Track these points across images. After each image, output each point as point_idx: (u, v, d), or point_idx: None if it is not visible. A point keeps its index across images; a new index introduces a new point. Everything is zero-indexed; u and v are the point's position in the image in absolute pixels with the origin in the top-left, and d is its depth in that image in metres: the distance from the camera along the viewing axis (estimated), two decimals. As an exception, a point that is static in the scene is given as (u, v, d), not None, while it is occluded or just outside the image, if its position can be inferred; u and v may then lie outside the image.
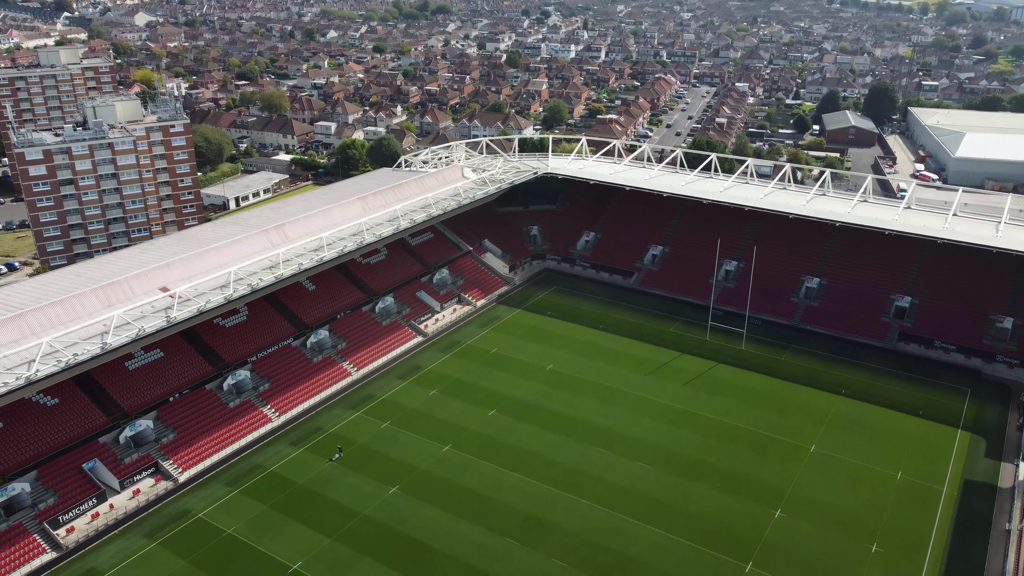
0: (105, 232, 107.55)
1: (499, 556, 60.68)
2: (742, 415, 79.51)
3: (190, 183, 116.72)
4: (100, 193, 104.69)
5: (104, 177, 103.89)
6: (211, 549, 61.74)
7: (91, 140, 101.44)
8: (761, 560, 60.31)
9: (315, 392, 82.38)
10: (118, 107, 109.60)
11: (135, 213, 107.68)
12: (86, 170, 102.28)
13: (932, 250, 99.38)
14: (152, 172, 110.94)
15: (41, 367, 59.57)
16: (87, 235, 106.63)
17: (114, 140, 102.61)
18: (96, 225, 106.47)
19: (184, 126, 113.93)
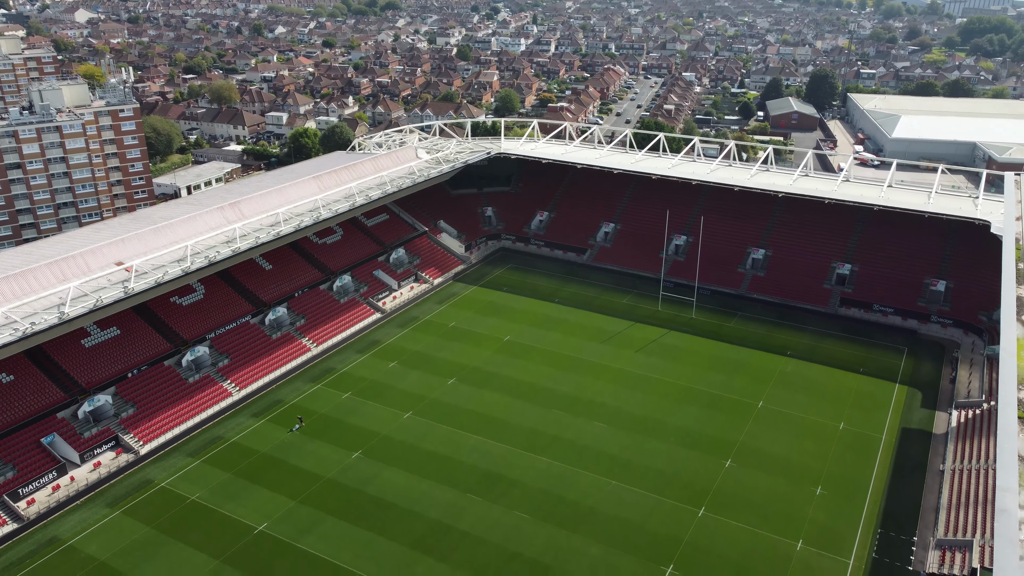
0: (55, 217, 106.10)
1: (461, 510, 62.37)
2: (693, 377, 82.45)
3: (141, 168, 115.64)
4: (49, 177, 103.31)
5: (52, 161, 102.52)
6: (175, 515, 62.20)
7: (38, 124, 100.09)
8: (713, 505, 63.08)
9: (275, 367, 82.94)
10: (65, 91, 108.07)
11: (85, 197, 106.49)
12: (34, 154, 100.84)
13: (870, 220, 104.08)
14: (102, 157, 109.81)
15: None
16: (36, 220, 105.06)
17: (62, 124, 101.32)
18: (45, 210, 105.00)
19: (134, 111, 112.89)
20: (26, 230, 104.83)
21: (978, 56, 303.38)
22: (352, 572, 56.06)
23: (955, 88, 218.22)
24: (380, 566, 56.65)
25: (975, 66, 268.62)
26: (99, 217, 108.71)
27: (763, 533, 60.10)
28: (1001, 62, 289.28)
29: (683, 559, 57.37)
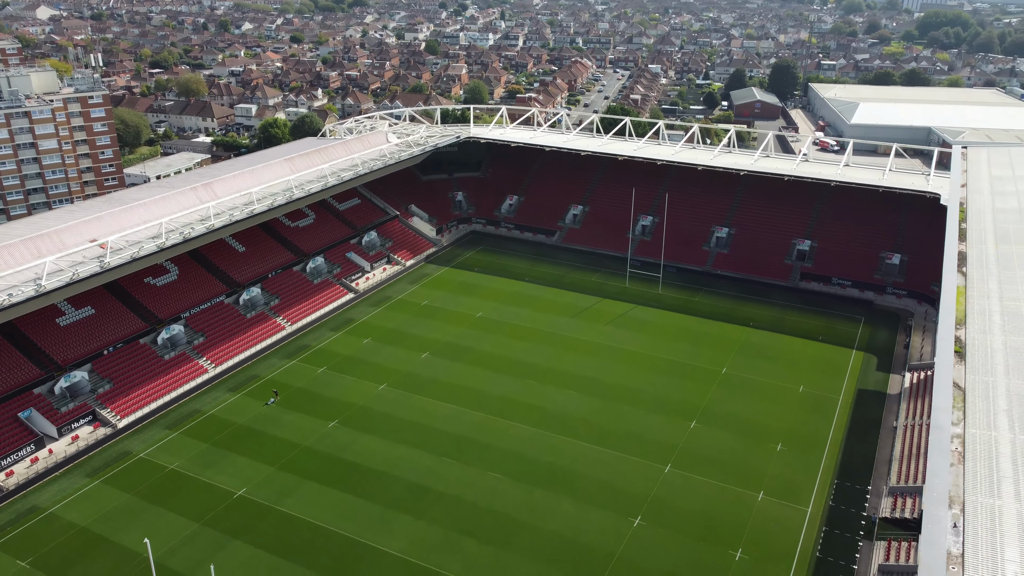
0: (25, 203, 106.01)
1: (437, 473, 64.26)
2: (660, 348, 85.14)
3: (111, 155, 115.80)
4: (18, 163, 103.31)
5: (22, 147, 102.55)
6: (155, 483, 63.34)
7: (7, 109, 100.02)
8: (679, 462, 65.67)
9: (250, 345, 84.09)
10: (33, 78, 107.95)
11: (55, 183, 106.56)
12: (3, 139, 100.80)
13: (828, 198, 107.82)
14: (72, 144, 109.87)
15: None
16: (6, 205, 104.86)
17: (31, 109, 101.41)
18: (15, 195, 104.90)
19: (103, 97, 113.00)
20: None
21: (935, 48, 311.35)
22: (332, 531, 57.71)
23: (912, 77, 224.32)
24: (359, 524, 58.36)
25: (931, 57, 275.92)
26: (70, 203, 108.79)
27: (726, 486, 62.81)
28: (956, 53, 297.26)
29: (650, 511, 59.83)
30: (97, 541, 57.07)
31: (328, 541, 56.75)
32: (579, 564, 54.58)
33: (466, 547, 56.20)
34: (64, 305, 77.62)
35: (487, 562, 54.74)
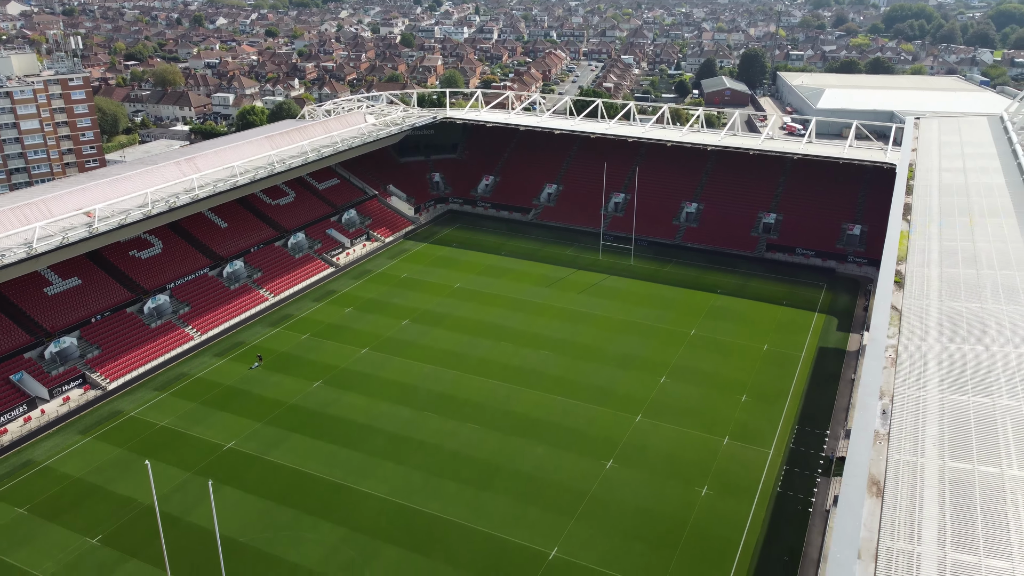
0: (7, 183, 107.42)
1: (417, 425, 67.21)
2: (630, 312, 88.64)
3: (91, 137, 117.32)
4: (0, 143, 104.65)
5: (4, 127, 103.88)
6: (145, 439, 65.68)
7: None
8: (649, 412, 69.12)
9: (234, 315, 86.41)
10: (14, 60, 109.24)
11: (37, 163, 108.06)
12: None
13: (792, 173, 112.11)
14: (52, 126, 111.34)
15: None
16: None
17: (12, 90, 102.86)
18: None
19: (83, 80, 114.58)
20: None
21: (900, 40, 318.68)
22: (318, 476, 60.45)
23: (876, 66, 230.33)
24: (344, 471, 61.15)
25: (896, 48, 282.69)
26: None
27: (693, 432, 66.35)
28: (920, 44, 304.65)
29: (621, 455, 63.17)
30: (92, 490, 59.40)
31: (314, 485, 59.51)
32: (554, 502, 57.76)
33: (446, 488, 59.20)
34: (51, 275, 79.55)
35: (466, 501, 57.78)
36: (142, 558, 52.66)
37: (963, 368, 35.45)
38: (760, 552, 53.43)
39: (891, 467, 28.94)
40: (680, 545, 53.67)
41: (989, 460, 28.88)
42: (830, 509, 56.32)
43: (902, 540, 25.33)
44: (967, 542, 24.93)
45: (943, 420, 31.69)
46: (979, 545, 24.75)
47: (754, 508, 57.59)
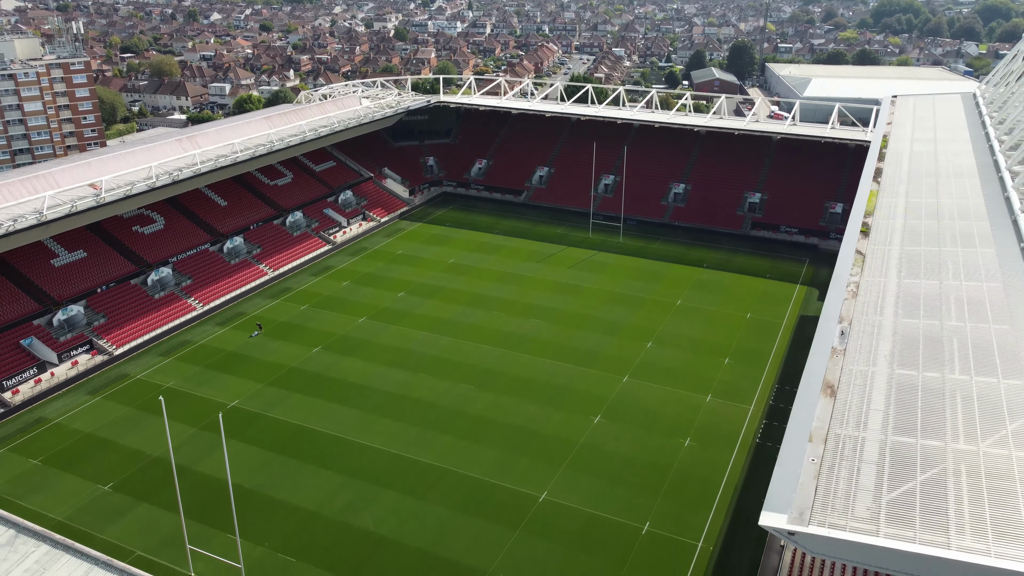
0: (12, 163, 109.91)
1: (413, 385, 70.06)
2: (618, 284, 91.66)
3: (93, 120, 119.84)
4: (4, 124, 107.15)
5: (8, 108, 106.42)
6: (152, 398, 68.30)
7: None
8: (635, 373, 72.09)
9: (235, 288, 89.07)
10: (17, 44, 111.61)
11: (41, 144, 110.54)
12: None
13: (777, 154, 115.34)
14: (55, 109, 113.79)
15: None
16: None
17: (16, 72, 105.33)
18: (2, 156, 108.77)
19: (84, 64, 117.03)
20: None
21: (887, 33, 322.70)
22: (318, 431, 63.27)
23: (863, 57, 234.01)
24: (343, 426, 63.98)
25: (884, 41, 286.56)
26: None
27: (678, 391, 69.37)
28: (907, 38, 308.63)
29: (608, 411, 66.15)
30: (103, 443, 62.12)
31: (314, 439, 62.34)
32: (543, 452, 60.68)
33: (440, 440, 62.07)
34: (58, 248, 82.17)
35: (459, 452, 60.65)
36: (153, 502, 55.46)
37: (917, 299, 38.51)
38: (739, 494, 56.50)
39: (844, 374, 31.95)
40: (663, 489, 56.67)
41: (933, 368, 31.91)
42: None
43: (850, 428, 28.34)
44: (906, 428, 27.95)
45: (895, 339, 34.73)
46: (917, 430, 27.78)
47: (734, 456, 60.64)
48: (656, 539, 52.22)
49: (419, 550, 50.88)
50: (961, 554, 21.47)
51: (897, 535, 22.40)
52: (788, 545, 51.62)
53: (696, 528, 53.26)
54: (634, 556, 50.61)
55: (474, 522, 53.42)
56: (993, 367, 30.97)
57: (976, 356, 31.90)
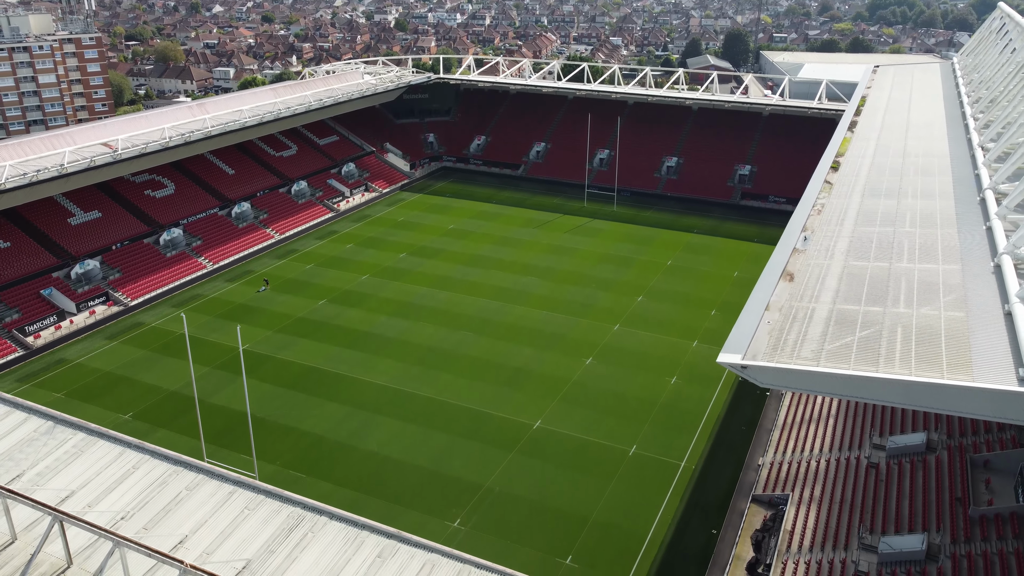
0: (27, 132, 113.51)
1: (414, 331, 73.74)
2: (611, 247, 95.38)
3: (104, 95, 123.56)
4: (20, 95, 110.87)
5: (23, 80, 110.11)
6: (168, 343, 72.10)
7: (9, 43, 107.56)
8: (626, 323, 75.78)
9: (243, 249, 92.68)
10: (31, 19, 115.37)
11: (54, 116, 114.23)
12: (5, 72, 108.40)
13: (767, 129, 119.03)
14: (67, 83, 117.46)
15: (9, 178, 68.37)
16: (8, 135, 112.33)
17: (31, 45, 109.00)
18: (17, 127, 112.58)
19: (95, 39, 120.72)
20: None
21: (881, 24, 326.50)
22: (324, 370, 66.95)
23: (856, 45, 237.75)
24: (348, 365, 67.65)
25: (878, 31, 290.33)
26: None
27: (666, 337, 73.07)
28: (902, 29, 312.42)
29: (599, 354, 69.83)
30: (122, 380, 65.80)
31: (322, 377, 66.02)
32: (538, 388, 64.35)
33: (440, 378, 65.74)
34: (73, 207, 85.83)
35: (458, 387, 64.31)
36: (172, 428, 59.14)
37: (876, 213, 42.21)
38: (721, 423, 60.21)
39: (803, 266, 35.67)
40: (650, 418, 60.38)
41: (882, 260, 35.62)
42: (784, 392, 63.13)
43: (804, 301, 32.07)
44: (853, 300, 31.69)
45: (852, 240, 38.43)
46: (862, 300, 31.49)
47: (717, 392, 64.37)
48: (642, 459, 55.93)
49: (421, 467, 54.56)
50: (887, 375, 25.18)
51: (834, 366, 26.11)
52: (764, 463, 55.40)
53: (680, 450, 56.96)
54: (621, 473, 54.31)
55: (472, 445, 57.11)
56: (936, 258, 34.67)
57: (921, 252, 35.59)
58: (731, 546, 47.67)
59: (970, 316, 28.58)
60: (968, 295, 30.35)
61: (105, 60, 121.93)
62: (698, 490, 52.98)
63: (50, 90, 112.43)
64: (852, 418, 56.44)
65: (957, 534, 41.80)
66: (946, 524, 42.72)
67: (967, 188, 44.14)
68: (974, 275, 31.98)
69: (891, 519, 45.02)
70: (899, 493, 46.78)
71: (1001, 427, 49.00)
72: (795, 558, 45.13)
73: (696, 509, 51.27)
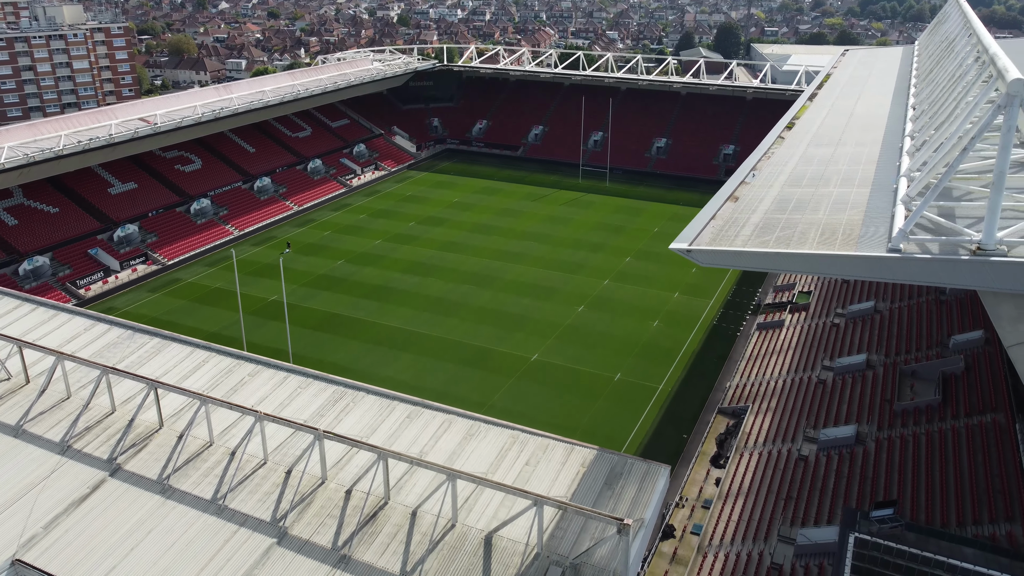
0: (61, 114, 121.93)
1: (424, 285, 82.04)
2: (604, 217, 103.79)
3: (131, 81, 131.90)
4: (56, 80, 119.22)
5: (59, 65, 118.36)
6: (204, 295, 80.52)
7: (47, 32, 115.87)
8: (614, 279, 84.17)
9: (265, 218, 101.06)
10: (65, 10, 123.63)
11: (87, 100, 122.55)
12: (43, 58, 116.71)
13: (750, 112, 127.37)
14: (97, 70, 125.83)
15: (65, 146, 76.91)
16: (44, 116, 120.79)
17: (66, 33, 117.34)
18: (53, 108, 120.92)
19: (124, 29, 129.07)
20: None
21: (871, 19, 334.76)
22: (345, 316, 75.35)
23: (843, 37, 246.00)
24: (366, 312, 76.06)
25: (867, 25, 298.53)
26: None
27: (650, 290, 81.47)
28: (890, 23, 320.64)
29: (591, 303, 78.24)
30: (167, 323, 73.97)
31: (342, 321, 74.43)
32: (535, 329, 72.75)
33: (447, 322, 74.16)
34: (112, 179, 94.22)
35: (464, 329, 72.72)
36: (213, 360, 67.39)
37: (815, 157, 50.53)
38: (696, 357, 68.65)
39: (747, 192, 44.08)
40: (634, 352, 68.81)
41: (811, 187, 43.99)
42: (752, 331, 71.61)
43: (742, 213, 40.45)
44: (780, 211, 40.04)
45: (790, 176, 46.79)
46: (787, 211, 39.83)
47: (694, 332, 72.82)
48: (625, 384, 64.38)
49: (432, 389, 62.82)
50: (794, 250, 33.54)
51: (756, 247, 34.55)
52: (731, 385, 63.79)
53: (659, 377, 65.41)
54: (607, 394, 62.77)
55: (478, 373, 65.58)
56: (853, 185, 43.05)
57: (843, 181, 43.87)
58: (698, 446, 56.15)
59: (865, 218, 36.92)
60: (868, 206, 38.67)
61: (132, 48, 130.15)
62: (673, 406, 61.45)
63: (83, 75, 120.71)
64: (807, 348, 64.90)
65: (883, 424, 50.28)
66: (875, 417, 51.21)
67: (896, 137, 52.44)
68: (877, 194, 40.28)
69: (832, 418, 53.52)
70: (840, 399, 55.26)
71: (929, 344, 57.51)
72: (750, 451, 53.60)
73: (670, 420, 59.73)
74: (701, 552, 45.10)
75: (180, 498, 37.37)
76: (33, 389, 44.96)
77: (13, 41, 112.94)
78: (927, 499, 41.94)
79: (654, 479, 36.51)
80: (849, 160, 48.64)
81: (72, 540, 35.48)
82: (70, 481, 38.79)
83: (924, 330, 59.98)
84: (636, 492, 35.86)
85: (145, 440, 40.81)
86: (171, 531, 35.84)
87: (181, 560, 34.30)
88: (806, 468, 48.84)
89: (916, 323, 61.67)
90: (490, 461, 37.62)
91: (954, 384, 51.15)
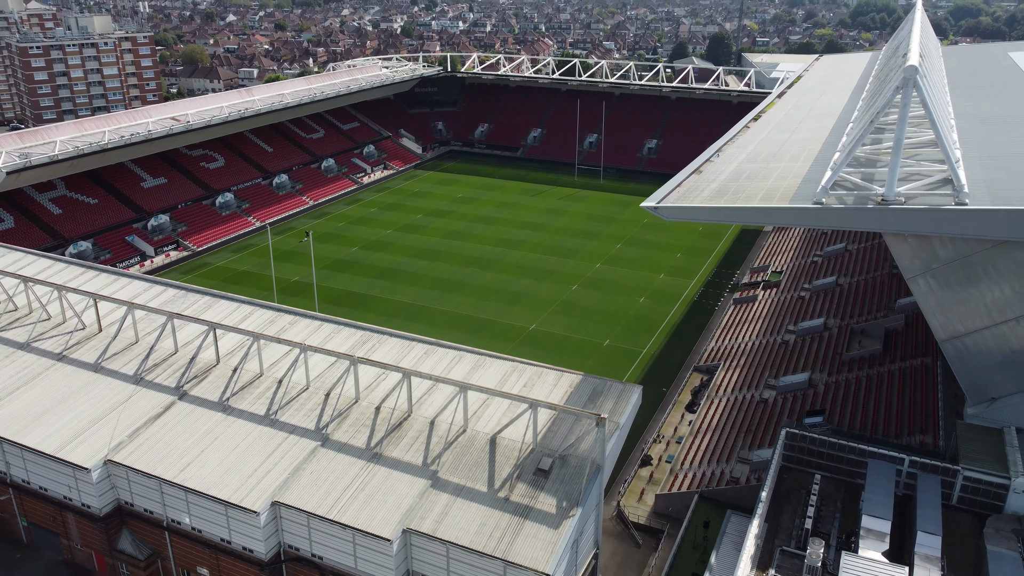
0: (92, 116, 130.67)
1: (431, 268, 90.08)
2: (598, 209, 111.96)
3: (155, 87, 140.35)
4: (88, 85, 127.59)
5: (91, 71, 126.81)
6: (233, 275, 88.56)
7: (81, 40, 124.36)
8: (607, 262, 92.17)
9: (284, 211, 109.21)
10: (95, 20, 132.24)
11: (115, 104, 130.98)
12: (76, 64, 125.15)
13: (735, 114, 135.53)
14: (124, 76, 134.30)
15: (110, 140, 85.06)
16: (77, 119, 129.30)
17: (98, 41, 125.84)
18: (84, 112, 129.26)
19: (148, 38, 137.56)
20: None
21: (860, 30, 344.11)
22: (360, 293, 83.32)
23: (831, 46, 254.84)
24: (380, 290, 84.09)
25: (856, 36, 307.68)
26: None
27: (638, 272, 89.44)
28: (879, 33, 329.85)
29: (584, 283, 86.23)
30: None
31: (357, 298, 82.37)
32: (534, 304, 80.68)
33: (454, 299, 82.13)
34: (144, 174, 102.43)
35: (469, 304, 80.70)
36: (245, 329, 75.35)
37: (773, 140, 58.66)
38: (677, 326, 76.56)
39: (710, 167, 52.15)
40: (622, 324, 76.71)
41: (765, 163, 52.07)
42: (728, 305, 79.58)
43: (703, 183, 48.52)
44: (735, 179, 48.08)
45: (749, 154, 54.88)
46: (741, 179, 47.89)
47: (677, 306, 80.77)
48: (613, 349, 72.25)
49: (442, 353, 70.77)
50: (740, 204, 41.55)
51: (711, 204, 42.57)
52: (707, 349, 71.63)
53: (643, 343, 73.30)
54: (597, 356, 70.62)
55: (481, 340, 73.24)
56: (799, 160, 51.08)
57: (791, 158, 51.95)
58: (675, 396, 64.01)
59: (801, 183, 44.97)
60: (806, 175, 46.70)
61: (156, 56, 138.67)
62: (654, 366, 69.31)
63: (112, 80, 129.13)
64: (775, 317, 72.84)
65: (832, 370, 58.18)
66: (826, 366, 59.12)
67: (844, 123, 60.55)
68: (817, 166, 48.31)
69: (790, 369, 61.41)
70: (799, 355, 63.16)
71: (879, 308, 65.48)
72: (719, 398, 61.45)
73: (651, 377, 67.52)
74: (673, 474, 52.92)
75: (238, 415, 45.69)
76: (106, 336, 53.32)
77: (49, 49, 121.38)
78: (861, 420, 49.90)
79: (629, 395, 44.67)
80: (802, 141, 56.77)
81: (152, 446, 43.66)
82: (146, 403, 47.04)
83: (876, 297, 68.02)
84: (614, 404, 44.02)
85: (205, 373, 49.10)
86: (233, 437, 44.03)
87: (244, 457, 42.44)
88: (765, 408, 56.71)
89: (870, 292, 69.72)
90: (494, 384, 45.73)
91: (895, 337, 59.16)
